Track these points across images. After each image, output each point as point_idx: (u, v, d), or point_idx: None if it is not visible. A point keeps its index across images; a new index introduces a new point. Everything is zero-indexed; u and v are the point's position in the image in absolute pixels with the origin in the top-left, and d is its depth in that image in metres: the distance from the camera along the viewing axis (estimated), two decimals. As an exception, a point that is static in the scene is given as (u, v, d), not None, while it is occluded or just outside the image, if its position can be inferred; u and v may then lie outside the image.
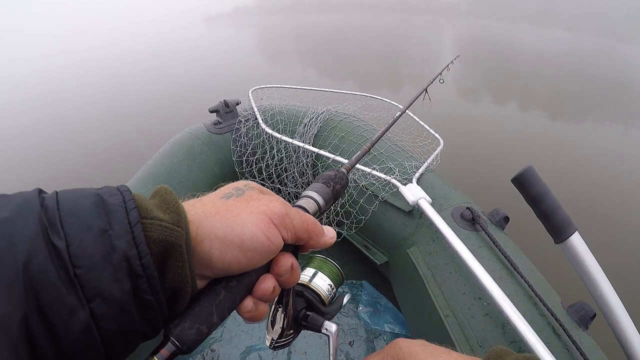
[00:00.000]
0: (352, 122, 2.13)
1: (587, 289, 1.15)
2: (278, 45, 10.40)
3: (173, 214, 0.36)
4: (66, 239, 0.31)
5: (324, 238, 0.46)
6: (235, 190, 0.42)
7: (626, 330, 1.14)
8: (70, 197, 0.34)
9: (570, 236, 1.09)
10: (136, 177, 1.96)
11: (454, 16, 14.29)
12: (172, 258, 0.35)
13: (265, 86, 2.42)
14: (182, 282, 0.36)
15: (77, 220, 0.32)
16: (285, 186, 2.21)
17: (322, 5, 16.34)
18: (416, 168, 1.77)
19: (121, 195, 0.36)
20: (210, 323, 0.38)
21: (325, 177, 0.56)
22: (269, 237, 0.39)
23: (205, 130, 2.21)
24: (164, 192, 0.39)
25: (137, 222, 0.34)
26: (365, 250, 1.83)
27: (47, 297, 0.30)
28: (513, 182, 1.10)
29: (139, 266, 0.33)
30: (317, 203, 0.51)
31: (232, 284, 0.40)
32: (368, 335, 1.86)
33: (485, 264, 1.26)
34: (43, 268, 0.30)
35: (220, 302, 0.38)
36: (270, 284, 0.41)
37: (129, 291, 0.33)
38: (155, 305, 0.34)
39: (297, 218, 0.42)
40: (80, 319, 0.31)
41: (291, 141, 1.88)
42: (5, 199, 0.33)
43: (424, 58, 8.85)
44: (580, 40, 9.89)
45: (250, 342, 1.84)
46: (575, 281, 1.16)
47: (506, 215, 1.55)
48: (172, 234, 0.35)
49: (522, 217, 1.28)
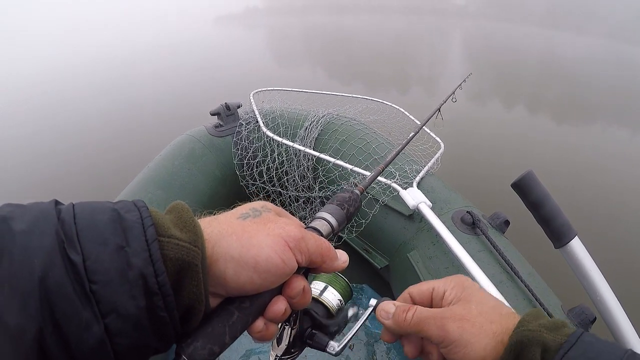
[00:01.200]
0: (353, 126, 2.14)
1: (586, 294, 1.15)
2: (286, 47, 10.39)
3: (190, 233, 0.36)
4: (83, 254, 0.31)
5: (336, 262, 0.46)
6: (252, 211, 0.43)
7: (626, 334, 1.14)
8: (87, 211, 0.34)
9: (570, 241, 1.09)
10: (137, 180, 1.96)
11: (461, 18, 14.29)
12: (187, 277, 0.35)
13: (267, 89, 2.42)
14: (196, 300, 0.36)
15: (94, 235, 0.33)
16: (286, 189, 2.21)
17: (331, 7, 16.35)
18: (417, 172, 1.77)
19: (138, 211, 0.36)
20: (222, 343, 0.38)
21: (340, 199, 0.55)
22: (283, 260, 0.39)
23: (206, 133, 2.21)
24: (180, 210, 0.39)
25: (154, 239, 0.34)
26: (366, 254, 1.83)
27: (62, 310, 0.30)
28: (513, 187, 1.10)
29: (155, 284, 0.33)
30: (331, 225, 0.51)
31: (245, 304, 0.40)
32: (368, 339, 1.86)
33: (485, 268, 1.26)
34: (59, 282, 0.30)
35: (234, 323, 0.39)
36: (282, 305, 0.41)
37: (144, 308, 0.33)
38: (169, 321, 0.35)
39: (312, 242, 0.43)
40: (94, 333, 0.31)
41: (292, 144, 1.88)
42: (21, 209, 0.33)
43: (432, 60, 8.85)
44: (590, 43, 9.88)
45: (250, 345, 1.84)
46: (576, 285, 1.16)
47: (507, 219, 1.56)
48: (188, 254, 0.35)
49: (523, 221, 1.29)
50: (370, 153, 1.93)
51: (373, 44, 9.92)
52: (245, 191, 2.22)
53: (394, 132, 2.22)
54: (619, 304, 1.14)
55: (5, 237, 0.30)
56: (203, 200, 2.00)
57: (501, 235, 1.51)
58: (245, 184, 2.21)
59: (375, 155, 1.92)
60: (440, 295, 0.50)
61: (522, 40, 10.12)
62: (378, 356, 1.81)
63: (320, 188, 2.07)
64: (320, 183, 2.08)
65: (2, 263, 0.29)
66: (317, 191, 2.08)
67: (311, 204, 2.14)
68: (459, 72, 7.79)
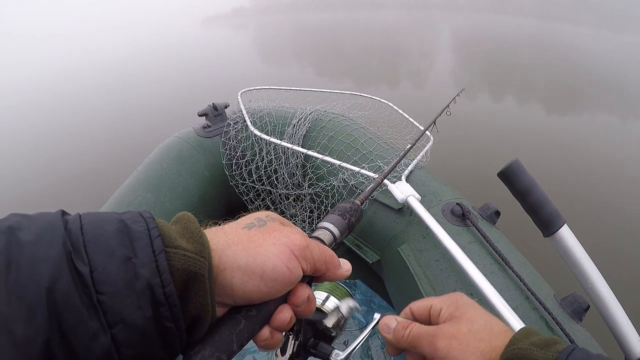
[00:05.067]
0: (341, 122, 2.12)
1: (578, 281, 1.14)
2: (275, 45, 10.40)
3: (197, 244, 0.37)
4: (90, 265, 0.32)
5: (340, 270, 0.48)
6: (257, 221, 0.43)
7: (618, 320, 1.13)
8: (94, 222, 0.34)
9: (559, 229, 1.09)
10: (126, 184, 1.95)
11: (450, 11, 14.32)
12: (194, 287, 0.36)
13: (254, 88, 2.40)
14: (202, 310, 0.37)
15: (101, 246, 0.33)
16: (275, 188, 2.20)
17: (319, 3, 16.35)
18: (405, 166, 1.76)
19: (145, 222, 0.36)
20: (230, 351, 0.38)
21: (341, 209, 0.58)
22: (290, 268, 0.40)
23: (194, 134, 2.20)
24: (187, 220, 0.39)
25: (160, 250, 0.34)
26: (357, 249, 1.82)
27: (69, 321, 0.30)
28: (499, 176, 1.09)
29: (162, 295, 0.33)
30: (333, 234, 0.53)
31: (251, 313, 0.40)
32: (363, 335, 1.85)
33: (476, 259, 1.26)
34: (67, 292, 0.30)
35: (241, 331, 0.39)
36: (287, 314, 0.43)
37: (151, 318, 0.33)
38: (176, 332, 0.35)
39: (316, 250, 0.44)
40: (101, 343, 0.31)
41: (280, 142, 1.87)
42: (28, 220, 0.33)
43: (422, 54, 8.87)
44: (577, 32, 9.93)
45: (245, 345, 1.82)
46: (569, 273, 1.16)
47: (497, 210, 1.55)
48: (195, 264, 0.35)
49: (514, 212, 1.28)
50: (358, 148, 1.92)
51: (362, 40, 9.94)
52: (235, 191, 2.21)
53: (383, 127, 2.21)
54: (611, 291, 1.14)
55: (12, 248, 0.31)
56: (193, 201, 1.98)
57: (492, 226, 1.50)
58: (234, 183, 2.19)
59: (364, 150, 1.91)
60: (437, 312, 0.52)
61: (513, 32, 10.15)
62: (373, 352, 1.80)
63: (309, 185, 2.06)
64: (309, 180, 2.07)
65: (9, 274, 0.29)
66: (307, 188, 2.06)
67: (301, 201, 2.13)
68: (445, 67, 7.82)
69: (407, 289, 1.47)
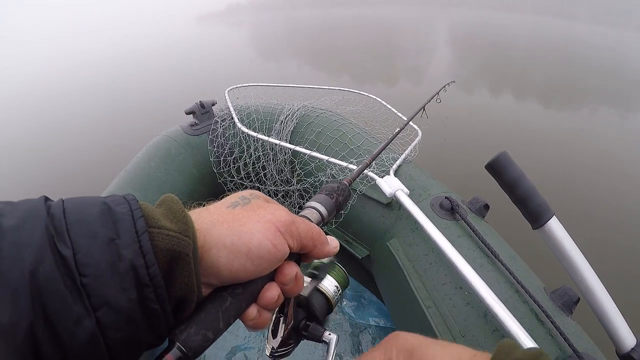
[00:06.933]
0: (329, 117, 2.11)
1: (567, 274, 1.13)
2: (270, 43, 10.39)
3: (180, 223, 0.37)
4: (73, 248, 0.31)
5: (327, 247, 0.47)
6: (242, 199, 0.43)
7: (608, 312, 1.12)
8: (77, 205, 0.34)
9: (548, 221, 1.07)
10: (115, 183, 1.93)
11: (445, 7, 14.34)
12: (179, 267, 0.35)
13: (241, 85, 2.39)
14: (188, 291, 0.36)
15: (83, 228, 0.32)
16: (264, 184, 2.18)
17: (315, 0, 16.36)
18: (394, 160, 1.75)
19: (128, 204, 0.36)
20: (216, 329, 0.38)
21: (328, 189, 0.57)
22: (275, 245, 0.40)
23: (182, 133, 2.18)
24: (170, 201, 0.40)
25: (144, 231, 0.34)
26: (346, 245, 1.81)
27: (53, 305, 0.30)
28: (487, 168, 1.07)
29: (146, 275, 0.33)
30: (321, 213, 0.53)
31: (238, 291, 0.40)
32: (353, 330, 1.84)
33: (465, 253, 1.24)
34: (50, 276, 0.30)
35: (227, 309, 0.39)
36: (275, 292, 0.42)
37: (136, 300, 0.33)
38: (161, 314, 0.34)
39: (302, 226, 0.43)
40: (86, 327, 0.31)
41: (267, 139, 1.85)
42: (11, 206, 0.33)
43: (418, 50, 8.88)
44: (573, 28, 9.95)
45: (235, 342, 1.82)
46: (559, 266, 1.14)
47: (486, 203, 1.53)
48: (179, 244, 0.35)
49: (503, 204, 1.26)
50: (346, 143, 1.91)
51: (358, 36, 9.94)
52: (223, 188, 2.19)
53: (371, 122, 2.20)
54: (601, 283, 1.13)
55: None
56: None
57: (481, 219, 1.49)
58: (223, 181, 2.18)
59: (352, 145, 1.89)
60: None
61: (506, 26, 10.18)
62: (364, 347, 1.79)
63: (297, 181, 2.05)
64: (298, 176, 2.05)
65: None
66: (295, 184, 2.05)
67: (290, 198, 2.11)
68: (438, 62, 7.82)
69: (397, 284, 1.46)
